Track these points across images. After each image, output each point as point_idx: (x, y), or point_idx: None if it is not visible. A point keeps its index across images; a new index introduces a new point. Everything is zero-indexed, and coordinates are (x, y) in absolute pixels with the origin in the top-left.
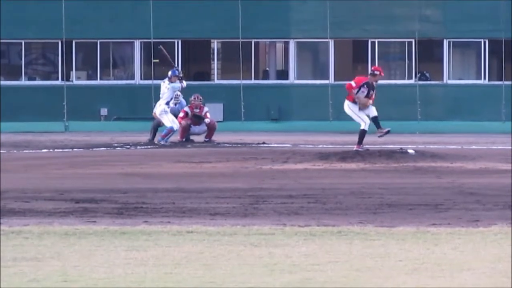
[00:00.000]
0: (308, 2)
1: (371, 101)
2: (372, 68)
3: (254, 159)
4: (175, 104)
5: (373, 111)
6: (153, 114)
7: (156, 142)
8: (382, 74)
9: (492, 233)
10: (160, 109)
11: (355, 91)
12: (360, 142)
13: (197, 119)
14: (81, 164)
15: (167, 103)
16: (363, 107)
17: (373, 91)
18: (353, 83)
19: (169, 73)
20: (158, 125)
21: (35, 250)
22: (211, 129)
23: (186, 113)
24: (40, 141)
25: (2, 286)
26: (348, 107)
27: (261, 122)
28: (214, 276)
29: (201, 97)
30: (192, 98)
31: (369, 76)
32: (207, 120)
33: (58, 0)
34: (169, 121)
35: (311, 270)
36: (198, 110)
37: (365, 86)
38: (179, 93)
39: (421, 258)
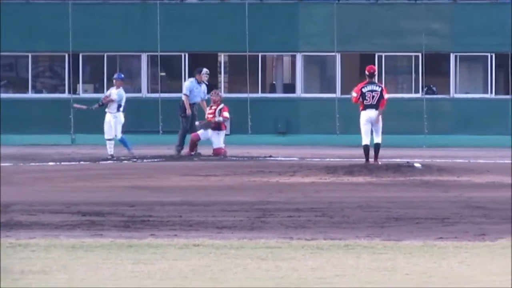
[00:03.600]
0: (315, 15)
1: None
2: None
3: (261, 172)
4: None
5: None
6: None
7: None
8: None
9: (499, 247)
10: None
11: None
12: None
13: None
14: (88, 177)
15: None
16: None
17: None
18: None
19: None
20: (186, 132)
21: (42, 263)
22: (215, 154)
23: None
24: (47, 154)
25: None
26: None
27: (268, 136)
28: None
29: (220, 93)
30: (211, 94)
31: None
32: (222, 118)
33: (65, 13)
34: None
35: (318, 284)
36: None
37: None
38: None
39: (428, 272)
